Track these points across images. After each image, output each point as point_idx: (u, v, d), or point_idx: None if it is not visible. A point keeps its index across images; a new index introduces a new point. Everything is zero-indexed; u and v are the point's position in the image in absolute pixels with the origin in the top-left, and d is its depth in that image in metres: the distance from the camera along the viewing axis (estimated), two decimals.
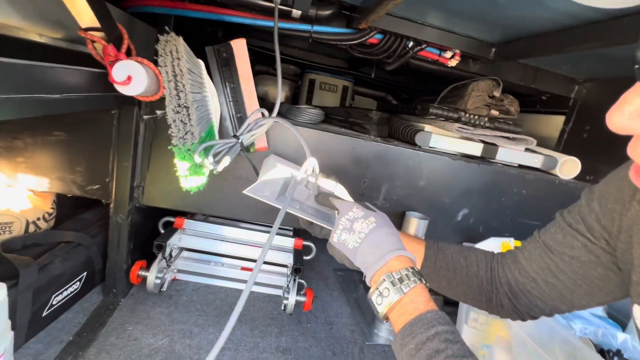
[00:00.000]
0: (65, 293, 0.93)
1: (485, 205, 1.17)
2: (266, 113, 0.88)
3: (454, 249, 0.66)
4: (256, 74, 2.06)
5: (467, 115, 1.20)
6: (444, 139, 1.16)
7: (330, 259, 1.63)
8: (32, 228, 1.02)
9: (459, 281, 0.64)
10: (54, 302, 0.89)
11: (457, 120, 1.19)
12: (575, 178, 1.21)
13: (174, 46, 0.73)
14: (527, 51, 1.08)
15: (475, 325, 1.13)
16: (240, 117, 0.95)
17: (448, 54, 1.22)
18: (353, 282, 1.48)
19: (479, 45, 1.19)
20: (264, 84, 2.17)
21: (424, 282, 0.48)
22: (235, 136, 0.80)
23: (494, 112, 1.23)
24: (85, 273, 1.00)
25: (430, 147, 1.15)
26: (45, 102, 0.55)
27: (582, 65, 1.23)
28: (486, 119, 1.22)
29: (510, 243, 1.10)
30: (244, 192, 0.67)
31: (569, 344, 0.80)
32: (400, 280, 0.47)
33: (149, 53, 0.83)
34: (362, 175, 1.07)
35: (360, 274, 1.50)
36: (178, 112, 0.74)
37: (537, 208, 1.20)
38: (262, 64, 2.04)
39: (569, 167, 1.21)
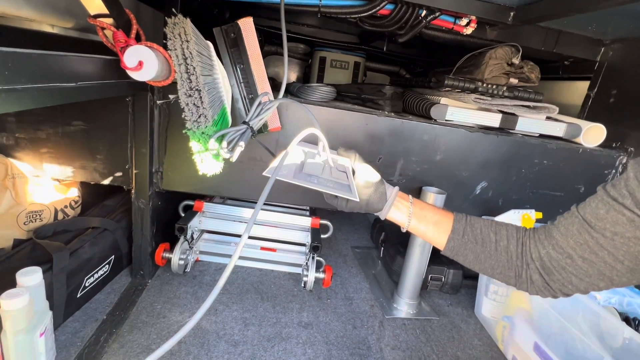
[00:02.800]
0: (96, 275, 0.98)
1: (504, 178, 1.14)
2: (271, 96, 0.87)
3: (484, 222, 0.65)
4: (266, 54, 2.03)
5: (484, 85, 1.15)
6: (460, 111, 1.12)
7: (347, 237, 1.64)
8: (60, 215, 1.07)
9: (487, 255, 0.63)
10: (86, 284, 0.94)
11: (474, 90, 1.15)
12: (600, 145, 1.17)
13: (182, 29, 0.72)
14: (549, 12, 1.02)
15: (495, 298, 1.13)
16: (252, 97, 0.94)
17: (463, 21, 1.17)
18: (371, 258, 1.49)
19: (496, 9, 1.13)
20: (274, 65, 2.14)
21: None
22: (245, 122, 0.80)
23: (513, 81, 1.18)
24: (113, 257, 1.04)
25: (446, 120, 1.12)
26: (62, 91, 0.56)
27: (610, 24, 1.16)
28: (504, 88, 1.17)
29: (531, 215, 1.08)
30: (264, 174, 0.67)
31: (593, 313, 0.79)
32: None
33: (157, 37, 0.83)
34: (377, 151, 1.06)
35: (377, 250, 1.51)
36: (190, 96, 0.74)
37: (560, 178, 1.16)
38: (271, 45, 2.01)
39: (593, 134, 1.16)
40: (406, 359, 0.98)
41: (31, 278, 0.68)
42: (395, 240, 1.39)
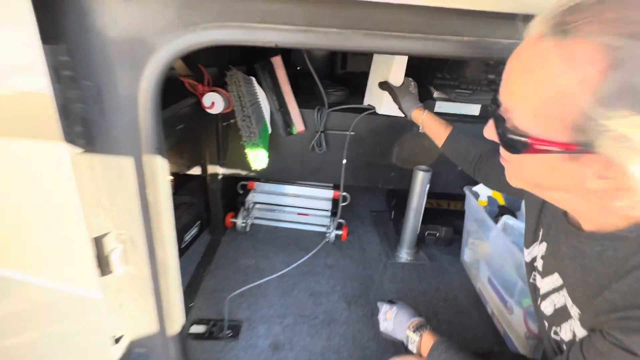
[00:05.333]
0: (190, 234, 1.49)
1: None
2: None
3: (466, 142, 0.97)
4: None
5: (466, 81, 1.44)
6: (446, 104, 1.43)
7: (367, 204, 2.04)
8: None
9: (459, 158, 0.99)
10: (185, 239, 1.45)
11: (457, 87, 1.45)
12: None
13: (236, 78, 1.13)
14: None
15: (472, 247, 1.49)
16: (283, 110, 1.34)
17: None
18: (384, 220, 1.89)
19: None
20: None
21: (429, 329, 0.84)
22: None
23: (491, 76, 1.44)
24: (199, 222, 1.55)
25: (435, 112, 1.44)
26: (174, 119, 1.00)
27: None
28: (485, 82, 1.45)
29: None
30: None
31: (514, 254, 1.14)
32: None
33: (220, 80, 1.23)
34: (378, 142, 1.42)
35: (389, 213, 1.89)
36: (244, 120, 1.16)
37: None
38: None
39: None
40: (399, 288, 1.40)
41: None
42: (403, 205, 1.77)
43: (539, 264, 0.65)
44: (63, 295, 0.73)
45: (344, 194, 1.72)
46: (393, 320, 0.93)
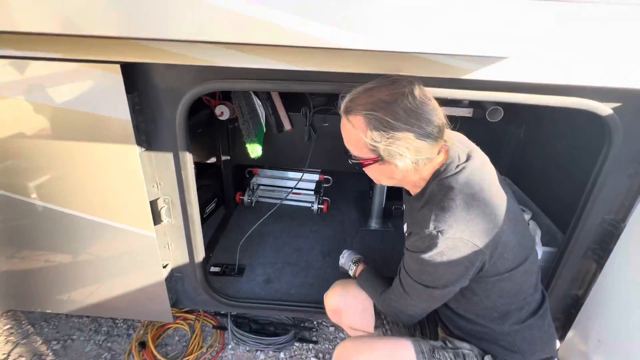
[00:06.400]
0: (210, 207, 1.99)
1: None
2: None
3: None
4: None
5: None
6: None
7: (352, 185, 2.48)
8: None
9: None
10: (206, 211, 1.95)
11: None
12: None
13: (238, 94, 1.60)
14: None
15: None
16: (275, 114, 1.80)
17: None
18: (364, 197, 2.33)
19: None
20: None
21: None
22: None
23: None
24: (216, 198, 2.05)
25: None
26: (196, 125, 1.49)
27: None
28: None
29: None
30: None
31: None
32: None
33: (225, 94, 1.70)
34: None
35: (369, 192, 2.33)
36: (244, 124, 1.63)
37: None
38: None
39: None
40: (365, 247, 1.86)
41: None
42: None
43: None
44: (135, 235, 1.23)
45: (327, 177, 2.19)
46: (344, 258, 1.39)
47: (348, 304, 1.18)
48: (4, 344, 1.57)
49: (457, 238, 0.78)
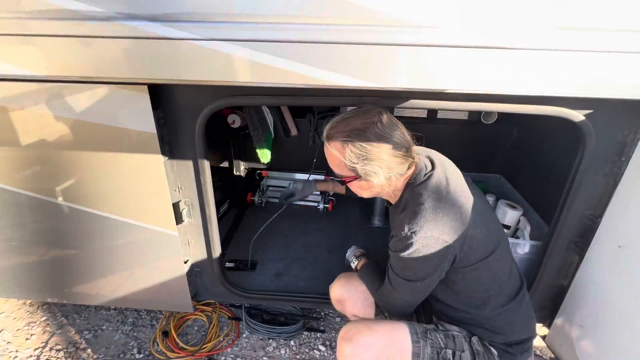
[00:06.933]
0: (223, 207, 2.14)
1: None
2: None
3: None
4: None
5: None
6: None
7: None
8: None
9: None
10: (220, 211, 2.10)
11: None
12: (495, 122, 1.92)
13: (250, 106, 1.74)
14: None
15: None
16: (282, 121, 1.94)
17: None
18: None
19: None
20: None
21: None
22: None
23: None
24: (229, 199, 2.20)
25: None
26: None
27: None
28: None
29: None
30: None
31: None
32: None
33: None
34: None
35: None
36: (254, 131, 1.77)
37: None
38: None
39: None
40: (367, 243, 1.98)
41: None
42: None
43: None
44: (159, 234, 1.38)
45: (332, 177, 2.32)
46: (349, 253, 1.52)
47: (351, 294, 1.31)
48: (42, 333, 1.74)
49: (428, 236, 0.91)
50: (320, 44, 0.93)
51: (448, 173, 1.03)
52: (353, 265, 1.45)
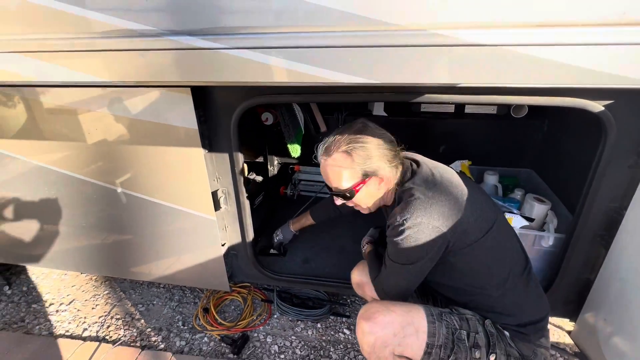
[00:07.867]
0: (258, 199, 2.31)
1: (457, 141, 2.01)
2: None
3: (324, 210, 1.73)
4: None
5: None
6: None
7: None
8: None
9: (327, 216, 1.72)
10: (255, 203, 2.27)
11: None
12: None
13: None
14: None
15: None
16: (312, 118, 2.06)
17: None
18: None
19: None
20: None
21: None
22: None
23: None
24: (263, 192, 2.37)
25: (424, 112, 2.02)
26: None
27: None
28: None
29: (465, 163, 1.94)
30: None
31: None
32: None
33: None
34: None
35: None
36: (285, 127, 1.91)
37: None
38: None
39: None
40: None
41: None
42: None
43: None
44: (201, 218, 1.56)
45: None
46: (363, 239, 1.62)
47: (369, 279, 1.40)
48: (104, 304, 2.02)
49: (418, 222, 1.00)
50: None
51: (431, 167, 1.13)
52: (363, 250, 1.54)
